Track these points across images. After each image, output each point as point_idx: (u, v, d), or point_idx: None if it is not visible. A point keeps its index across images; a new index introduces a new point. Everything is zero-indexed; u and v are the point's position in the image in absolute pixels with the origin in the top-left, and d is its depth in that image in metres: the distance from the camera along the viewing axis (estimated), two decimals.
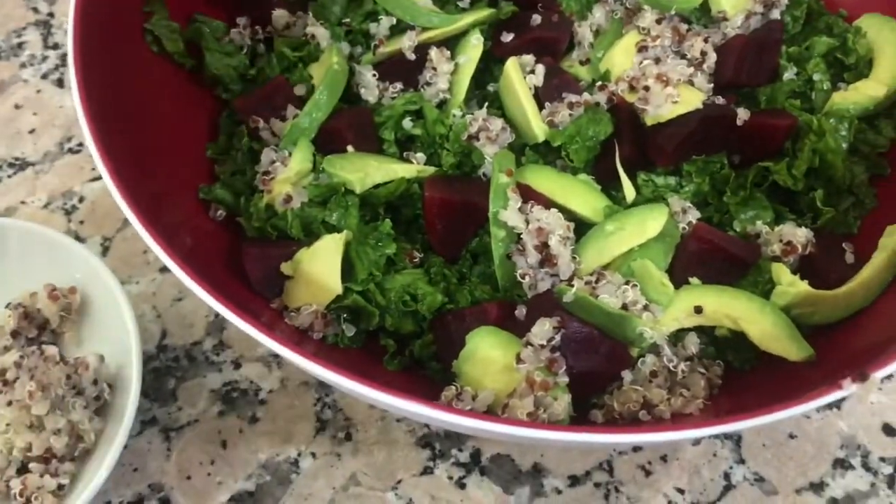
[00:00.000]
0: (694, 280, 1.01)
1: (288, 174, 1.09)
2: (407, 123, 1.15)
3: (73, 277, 1.09)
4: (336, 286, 1.01)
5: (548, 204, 1.06)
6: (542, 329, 0.94)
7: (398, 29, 1.23)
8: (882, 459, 1.09)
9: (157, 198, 0.99)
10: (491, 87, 1.22)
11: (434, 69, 1.19)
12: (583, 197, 1.08)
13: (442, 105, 1.20)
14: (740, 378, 1.01)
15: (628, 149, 1.13)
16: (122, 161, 0.95)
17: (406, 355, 1.04)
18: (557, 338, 0.93)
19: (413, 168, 1.11)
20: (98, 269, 1.06)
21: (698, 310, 0.99)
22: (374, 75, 1.20)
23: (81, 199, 1.29)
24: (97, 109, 0.97)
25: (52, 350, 1.01)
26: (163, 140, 1.09)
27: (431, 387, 0.98)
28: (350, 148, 1.12)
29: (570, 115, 1.12)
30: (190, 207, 1.09)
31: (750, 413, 0.81)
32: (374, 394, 0.80)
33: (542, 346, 0.93)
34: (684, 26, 1.20)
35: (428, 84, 1.19)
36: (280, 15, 1.24)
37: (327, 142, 1.14)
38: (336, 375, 0.80)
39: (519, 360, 0.93)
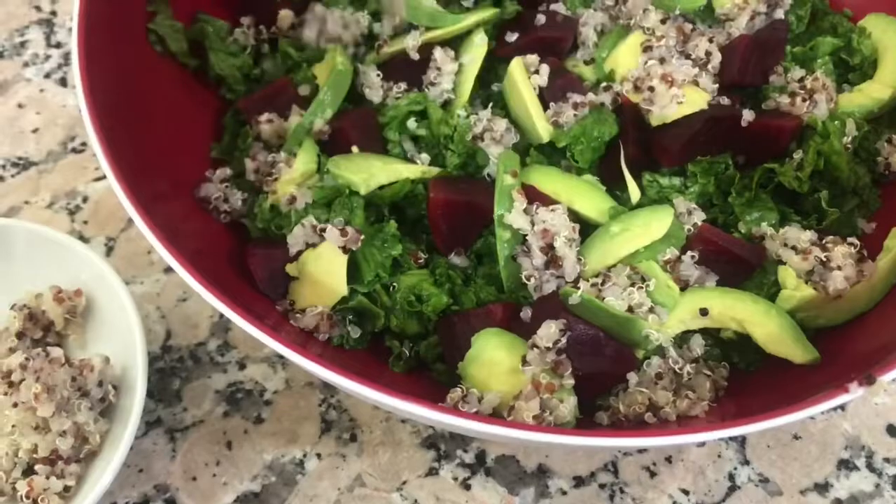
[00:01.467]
0: None
1: (292, 175, 1.09)
2: (411, 124, 1.15)
3: (79, 279, 1.09)
4: (341, 287, 1.01)
5: (553, 205, 1.06)
6: (548, 331, 0.94)
7: (401, 29, 1.23)
8: (886, 460, 1.09)
9: (162, 198, 1.00)
10: (495, 87, 1.22)
11: (438, 69, 1.19)
12: (588, 198, 1.08)
13: (446, 105, 1.19)
14: (746, 380, 1.01)
15: (633, 149, 1.13)
16: (126, 161, 0.95)
17: (412, 356, 1.04)
18: (563, 340, 0.93)
19: (418, 169, 1.11)
20: (103, 270, 1.06)
21: (704, 312, 0.99)
22: (379, 75, 1.20)
23: (85, 199, 1.29)
24: (101, 109, 0.97)
25: (57, 352, 1.01)
26: (167, 140, 1.09)
27: (437, 388, 0.98)
28: (355, 149, 1.12)
29: (575, 115, 1.11)
30: (194, 208, 1.09)
31: (755, 417, 0.81)
32: (377, 396, 0.80)
33: (548, 349, 0.93)
34: (689, 26, 1.20)
35: (432, 84, 1.19)
36: (285, 15, 1.24)
37: (332, 142, 1.14)
38: (339, 377, 0.80)
39: (525, 362, 0.94)
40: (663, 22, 1.19)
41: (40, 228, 1.10)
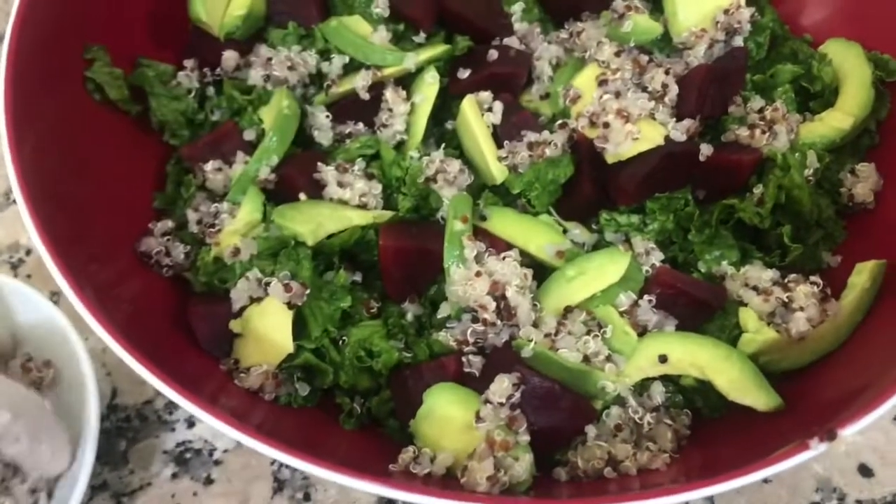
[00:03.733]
0: None
1: (236, 226, 1.05)
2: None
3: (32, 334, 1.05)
4: (287, 344, 0.97)
5: (507, 248, 1.03)
6: (501, 386, 0.90)
7: (351, 67, 1.20)
8: (859, 502, 1.05)
9: (97, 259, 0.95)
10: (449, 125, 1.19)
11: (390, 110, 1.15)
12: (544, 239, 1.05)
13: (399, 146, 1.16)
14: (709, 427, 0.97)
15: (590, 188, 1.09)
16: (58, 223, 0.91)
17: (363, 412, 1.00)
18: (517, 395, 0.90)
19: (368, 215, 1.07)
20: (59, 323, 1.02)
21: (663, 359, 0.95)
22: (328, 116, 1.16)
23: (28, 252, 1.25)
24: (31, 167, 0.93)
25: None
26: (105, 193, 1.05)
27: (390, 446, 0.95)
28: (302, 196, 1.08)
29: (530, 155, 1.08)
30: (135, 263, 1.04)
31: (717, 478, 0.78)
32: (321, 472, 0.77)
33: (502, 404, 0.90)
34: (645, 58, 1.17)
35: (384, 126, 1.15)
36: (229, 56, 1.20)
37: (279, 190, 1.10)
38: (277, 452, 0.77)
39: (478, 418, 0.90)
40: (618, 55, 1.15)
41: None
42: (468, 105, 1.13)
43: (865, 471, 1.07)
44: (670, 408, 0.97)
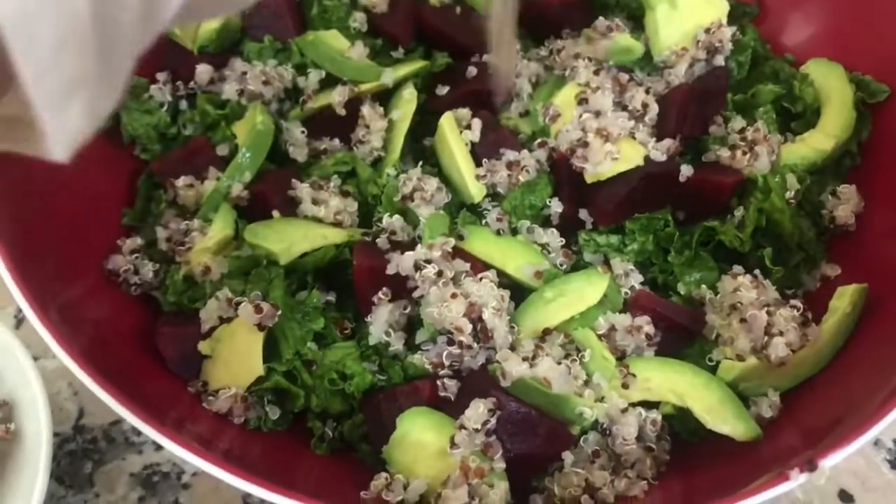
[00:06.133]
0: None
1: (207, 244, 1.02)
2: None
3: None
4: (257, 367, 0.94)
5: (484, 268, 1.01)
6: (477, 412, 0.88)
7: (328, 82, 1.17)
8: None
9: (61, 279, 0.92)
10: (427, 142, 1.17)
11: (367, 126, 1.14)
12: (522, 259, 1.03)
13: (376, 163, 1.14)
14: (689, 452, 0.95)
15: (569, 207, 1.08)
16: (21, 241, 0.88)
17: (336, 437, 0.97)
18: (493, 420, 0.88)
19: (343, 233, 1.05)
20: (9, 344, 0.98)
21: (625, 386, 0.94)
22: (303, 132, 1.14)
23: None
24: None
25: None
26: (71, 209, 1.02)
27: (363, 471, 0.92)
28: (276, 213, 1.06)
29: (509, 175, 1.06)
30: (102, 282, 1.02)
31: None
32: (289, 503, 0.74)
33: (477, 430, 0.87)
34: (625, 76, 1.15)
35: (361, 142, 1.13)
36: (203, 70, 1.17)
37: (251, 207, 1.07)
38: (246, 483, 0.74)
39: (453, 444, 0.88)
40: (597, 73, 1.14)
41: None
42: (446, 122, 1.11)
43: (846, 496, 1.06)
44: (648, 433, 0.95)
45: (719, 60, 1.19)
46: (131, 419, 0.76)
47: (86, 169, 1.04)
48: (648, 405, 0.95)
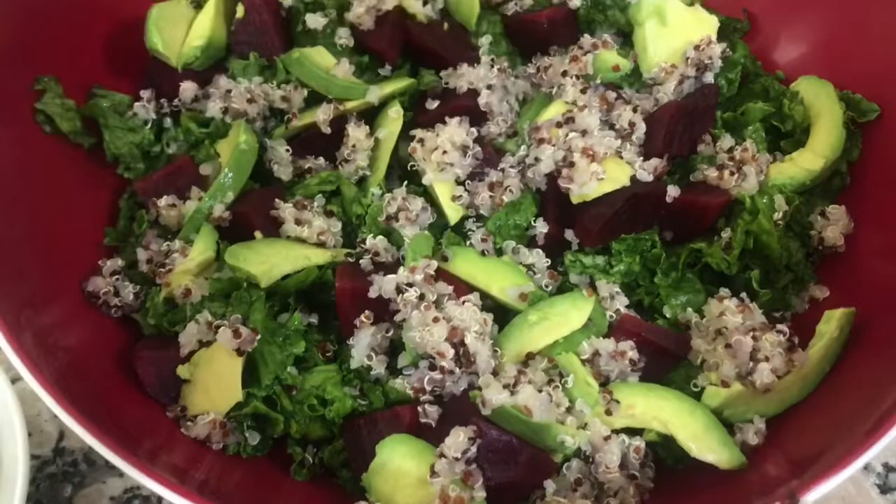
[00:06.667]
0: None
1: (188, 265, 1.01)
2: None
3: None
4: (236, 392, 0.93)
5: (468, 290, 1.00)
6: (457, 440, 0.87)
7: (313, 100, 1.16)
8: None
9: (34, 305, 0.91)
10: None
11: (353, 145, 1.12)
12: (507, 281, 1.02)
13: (361, 182, 1.13)
14: (673, 480, 0.94)
15: (554, 228, 1.07)
16: None
17: (316, 462, 0.96)
18: (473, 449, 0.86)
19: (326, 254, 1.04)
20: None
21: (608, 413, 0.92)
22: (288, 150, 1.13)
23: None
24: None
25: None
26: (53, 231, 1.01)
27: (343, 498, 0.91)
28: (258, 234, 1.05)
29: (491, 196, 1.05)
30: (81, 304, 1.00)
31: None
32: None
33: (457, 459, 0.86)
34: (612, 94, 1.14)
35: (346, 161, 1.12)
36: (187, 87, 1.16)
37: (234, 228, 1.06)
38: None
39: (433, 472, 0.86)
40: (584, 91, 1.13)
41: None
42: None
43: None
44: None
45: (709, 77, 1.18)
46: (104, 452, 0.75)
47: (70, 189, 1.05)
48: (632, 432, 0.94)
